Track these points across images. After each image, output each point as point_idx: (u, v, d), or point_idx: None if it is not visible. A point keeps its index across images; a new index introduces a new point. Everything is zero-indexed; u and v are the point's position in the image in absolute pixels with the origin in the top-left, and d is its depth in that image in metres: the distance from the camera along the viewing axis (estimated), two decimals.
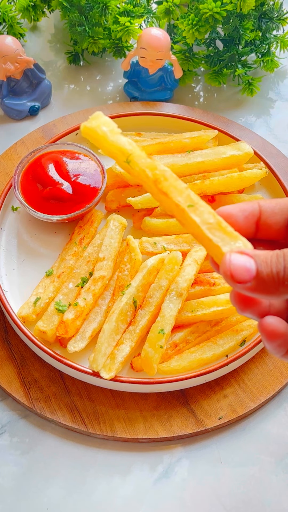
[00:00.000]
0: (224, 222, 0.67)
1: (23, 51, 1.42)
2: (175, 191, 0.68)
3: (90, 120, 0.68)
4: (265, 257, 0.64)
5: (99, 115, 0.67)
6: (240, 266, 0.64)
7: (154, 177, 0.68)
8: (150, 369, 1.06)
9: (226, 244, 0.66)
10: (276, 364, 1.14)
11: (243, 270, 0.63)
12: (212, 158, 1.26)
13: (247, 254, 0.64)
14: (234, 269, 0.64)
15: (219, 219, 0.67)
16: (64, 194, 1.22)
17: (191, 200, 0.68)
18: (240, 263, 0.64)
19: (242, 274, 0.63)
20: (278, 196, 1.32)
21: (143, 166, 0.68)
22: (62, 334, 1.09)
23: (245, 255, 0.64)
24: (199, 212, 0.67)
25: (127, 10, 1.46)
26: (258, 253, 0.65)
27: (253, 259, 0.64)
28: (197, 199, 0.68)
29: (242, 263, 0.64)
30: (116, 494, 1.03)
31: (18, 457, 1.06)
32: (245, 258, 0.64)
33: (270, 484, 1.04)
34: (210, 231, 0.67)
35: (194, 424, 1.07)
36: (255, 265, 0.64)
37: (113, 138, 0.68)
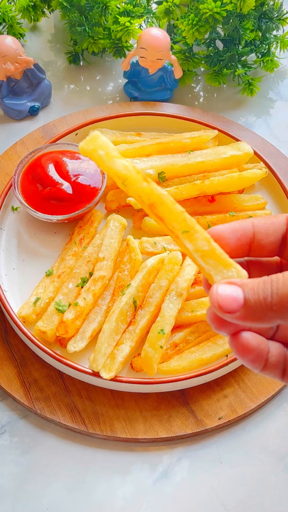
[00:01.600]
0: (219, 249, 0.66)
1: (23, 51, 1.42)
2: (171, 215, 0.67)
3: (87, 143, 0.67)
4: (252, 285, 0.64)
5: (96, 136, 0.66)
6: (227, 297, 0.63)
7: (149, 201, 0.68)
8: (150, 369, 1.06)
9: (219, 273, 0.66)
10: None
11: (231, 300, 0.63)
12: (212, 158, 1.26)
13: (235, 284, 0.64)
14: (222, 299, 0.63)
15: (213, 246, 0.66)
16: (64, 194, 1.22)
17: (186, 226, 0.67)
18: (227, 293, 0.63)
19: (230, 304, 0.63)
20: (278, 196, 1.32)
21: (138, 192, 0.68)
22: (62, 334, 1.09)
23: (233, 285, 0.64)
24: (194, 238, 0.67)
25: (127, 10, 1.46)
26: (246, 282, 0.64)
27: (240, 288, 0.64)
28: (192, 224, 0.67)
29: (229, 293, 0.63)
30: (116, 494, 1.03)
31: (18, 457, 1.06)
32: (232, 288, 0.64)
33: (270, 484, 1.04)
34: (203, 259, 0.66)
35: (194, 424, 1.07)
36: (242, 294, 0.63)
37: (108, 163, 0.67)
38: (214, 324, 0.66)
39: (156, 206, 0.67)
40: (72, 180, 1.24)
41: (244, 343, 0.64)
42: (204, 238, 0.67)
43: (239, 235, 0.69)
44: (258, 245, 0.70)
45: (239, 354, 0.65)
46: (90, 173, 1.26)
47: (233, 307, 0.63)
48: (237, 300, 0.63)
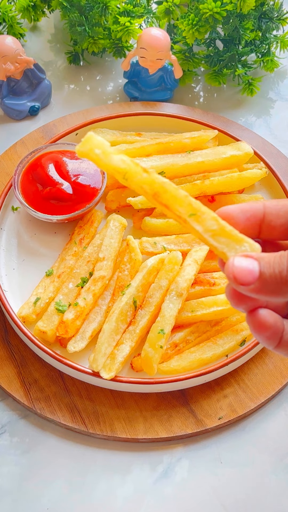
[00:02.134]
0: (228, 226, 0.67)
1: (23, 51, 1.42)
2: (176, 202, 0.68)
3: (82, 144, 0.67)
4: (268, 258, 0.64)
5: (90, 137, 0.67)
6: (243, 269, 0.64)
7: (152, 191, 0.68)
8: (150, 369, 1.06)
9: (232, 249, 0.66)
10: (276, 364, 1.14)
11: (246, 272, 0.64)
12: (212, 158, 1.26)
13: (251, 257, 0.65)
14: (237, 272, 0.64)
15: (222, 224, 0.67)
16: (64, 194, 1.22)
17: (192, 209, 0.67)
18: (243, 266, 0.64)
19: (245, 277, 0.64)
20: (278, 196, 1.32)
21: (140, 183, 0.68)
22: (62, 334, 1.09)
23: (249, 258, 0.65)
24: (201, 220, 0.67)
25: (127, 10, 1.46)
26: (262, 255, 0.65)
27: (256, 261, 0.64)
28: (198, 206, 0.67)
29: (245, 266, 0.64)
30: (116, 494, 1.03)
31: (18, 457, 1.06)
32: (248, 261, 0.65)
33: (270, 484, 1.04)
34: (214, 239, 0.67)
35: (194, 424, 1.07)
36: (258, 267, 0.64)
37: (106, 160, 0.68)
38: (233, 300, 0.67)
39: (160, 195, 0.68)
40: (72, 180, 1.24)
41: (261, 320, 0.65)
42: (212, 217, 0.67)
43: (249, 215, 0.70)
44: (268, 227, 0.69)
45: (255, 330, 0.65)
46: (90, 173, 1.26)
47: (248, 280, 0.64)
48: (253, 273, 0.64)
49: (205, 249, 1.15)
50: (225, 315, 1.11)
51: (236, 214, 0.70)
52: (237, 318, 1.14)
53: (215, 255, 1.18)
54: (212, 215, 0.67)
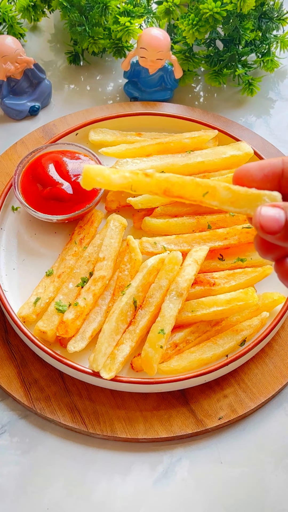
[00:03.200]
0: (241, 188, 0.69)
1: (23, 51, 1.42)
2: (185, 190, 0.71)
3: (84, 179, 0.70)
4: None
5: (87, 170, 0.70)
6: (269, 218, 0.66)
7: (161, 190, 0.71)
8: (150, 369, 1.06)
9: (254, 207, 0.69)
10: (276, 364, 1.14)
11: (273, 221, 0.66)
12: (212, 158, 1.26)
13: (277, 206, 0.67)
14: (264, 220, 0.66)
15: (235, 189, 0.70)
16: (64, 194, 1.22)
17: (202, 189, 0.70)
18: (270, 214, 0.67)
19: (272, 226, 0.66)
20: None
21: (148, 188, 0.71)
22: (62, 334, 1.09)
23: (276, 208, 0.67)
24: (215, 194, 0.70)
25: (127, 10, 1.46)
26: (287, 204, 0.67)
27: (283, 211, 0.67)
28: (205, 184, 0.70)
29: (271, 215, 0.66)
30: (116, 494, 1.03)
31: (18, 457, 1.06)
32: (275, 210, 0.67)
33: (270, 484, 1.04)
34: (235, 206, 0.70)
35: (194, 424, 1.07)
36: (284, 215, 0.66)
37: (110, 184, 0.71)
38: (261, 250, 0.70)
39: (169, 190, 0.71)
40: (72, 180, 1.24)
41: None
42: (224, 188, 0.70)
43: (267, 171, 0.71)
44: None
45: (283, 278, 0.68)
46: None
47: (275, 228, 0.66)
48: (279, 221, 0.66)
49: (205, 249, 1.15)
50: (225, 315, 1.11)
51: (253, 171, 0.71)
52: (237, 318, 1.14)
53: (215, 255, 1.18)
54: (223, 185, 0.70)
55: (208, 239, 1.17)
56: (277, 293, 1.16)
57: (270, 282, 1.20)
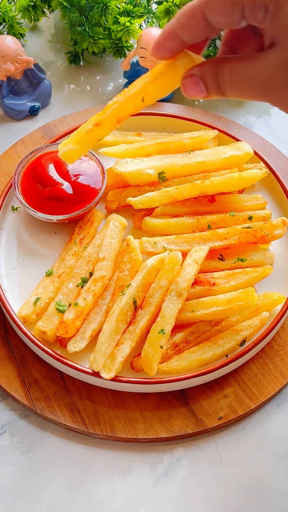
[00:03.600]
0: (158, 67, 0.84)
1: (23, 51, 1.42)
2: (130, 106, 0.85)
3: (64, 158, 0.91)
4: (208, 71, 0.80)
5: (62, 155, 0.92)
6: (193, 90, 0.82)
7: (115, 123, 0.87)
8: (150, 369, 1.06)
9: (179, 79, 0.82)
10: (276, 364, 1.14)
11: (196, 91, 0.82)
12: (212, 158, 1.26)
13: (194, 75, 0.81)
14: (190, 93, 0.82)
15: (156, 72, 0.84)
16: (64, 194, 1.22)
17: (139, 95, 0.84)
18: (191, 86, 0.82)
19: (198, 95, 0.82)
20: (278, 196, 1.32)
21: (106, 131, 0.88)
22: (62, 334, 1.09)
23: (194, 77, 0.81)
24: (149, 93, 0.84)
25: (127, 10, 1.46)
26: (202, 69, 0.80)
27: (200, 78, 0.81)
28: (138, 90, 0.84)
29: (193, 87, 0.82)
30: (116, 494, 1.03)
31: (18, 457, 1.06)
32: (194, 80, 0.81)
33: (270, 484, 1.04)
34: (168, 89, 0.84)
35: (194, 424, 1.07)
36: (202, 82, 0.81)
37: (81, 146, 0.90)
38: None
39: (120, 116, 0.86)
40: (72, 180, 1.24)
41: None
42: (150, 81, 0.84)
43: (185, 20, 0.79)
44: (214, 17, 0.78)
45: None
46: (90, 173, 1.26)
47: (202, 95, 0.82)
48: (201, 90, 0.81)
49: (205, 249, 1.15)
50: (225, 315, 1.11)
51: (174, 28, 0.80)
52: (237, 318, 1.14)
53: (215, 255, 1.18)
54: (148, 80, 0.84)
55: (208, 239, 1.17)
56: (277, 293, 1.16)
57: (270, 282, 1.20)
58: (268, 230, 1.18)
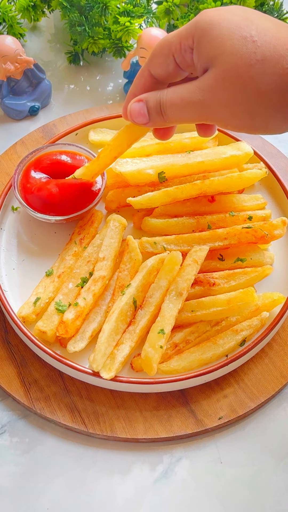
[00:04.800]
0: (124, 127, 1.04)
1: (23, 51, 1.42)
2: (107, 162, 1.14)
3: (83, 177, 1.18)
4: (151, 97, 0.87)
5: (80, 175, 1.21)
6: (136, 113, 0.89)
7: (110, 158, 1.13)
8: (150, 369, 1.06)
9: None
10: (276, 364, 1.14)
11: (139, 115, 0.88)
12: (212, 158, 1.26)
13: (140, 100, 0.88)
14: (134, 116, 0.89)
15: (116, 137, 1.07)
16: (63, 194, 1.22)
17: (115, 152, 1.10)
18: (135, 110, 0.89)
19: (141, 120, 0.89)
20: (278, 196, 1.32)
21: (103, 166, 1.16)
22: (62, 334, 1.09)
23: (139, 102, 0.88)
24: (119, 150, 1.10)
25: (127, 10, 1.46)
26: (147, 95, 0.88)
27: (143, 103, 0.88)
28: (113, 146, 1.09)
29: (137, 110, 0.88)
30: (116, 494, 1.03)
31: (18, 457, 1.06)
32: (139, 105, 0.88)
33: (270, 484, 1.04)
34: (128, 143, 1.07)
35: (194, 424, 1.07)
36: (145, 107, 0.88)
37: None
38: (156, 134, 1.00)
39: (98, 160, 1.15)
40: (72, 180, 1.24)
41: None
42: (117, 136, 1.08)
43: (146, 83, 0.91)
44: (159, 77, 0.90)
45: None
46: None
47: (143, 120, 0.89)
48: (144, 114, 0.88)
49: (205, 249, 1.15)
50: (225, 315, 1.11)
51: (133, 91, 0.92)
52: (237, 318, 1.14)
53: (215, 255, 1.18)
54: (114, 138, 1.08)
55: (208, 239, 1.17)
56: (277, 293, 1.16)
57: (270, 282, 1.20)
58: (268, 230, 1.18)
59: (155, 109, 0.86)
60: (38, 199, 1.22)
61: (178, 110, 0.84)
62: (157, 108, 0.86)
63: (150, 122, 0.88)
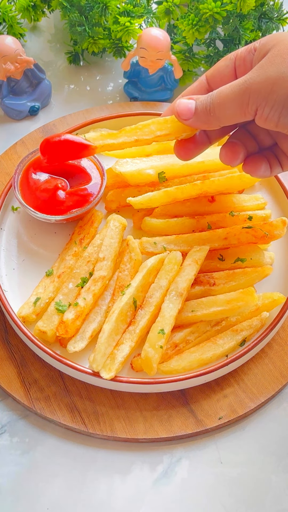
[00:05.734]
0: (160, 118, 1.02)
1: (23, 51, 1.42)
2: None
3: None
4: (202, 98, 0.92)
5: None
6: (184, 107, 0.93)
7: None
8: (150, 369, 1.06)
9: None
10: (276, 364, 1.14)
11: (186, 110, 0.93)
12: (212, 158, 1.26)
13: (190, 98, 0.94)
14: (179, 109, 0.94)
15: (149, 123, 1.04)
16: (63, 194, 1.22)
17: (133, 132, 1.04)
18: (183, 104, 0.93)
19: (185, 113, 0.93)
20: (279, 196, 1.32)
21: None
22: (62, 334, 1.09)
23: (190, 99, 0.94)
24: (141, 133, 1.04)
25: (127, 10, 1.46)
26: (199, 96, 0.93)
27: (193, 101, 0.93)
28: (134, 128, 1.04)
29: (184, 105, 0.93)
30: (116, 494, 1.03)
31: (18, 457, 1.06)
32: (188, 101, 0.93)
33: (270, 484, 1.04)
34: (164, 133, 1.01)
35: (194, 424, 1.08)
36: (194, 104, 0.93)
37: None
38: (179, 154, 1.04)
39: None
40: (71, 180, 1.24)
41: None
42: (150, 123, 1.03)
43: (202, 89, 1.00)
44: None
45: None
46: (89, 173, 1.26)
47: (187, 115, 0.93)
48: (190, 109, 0.93)
49: (205, 249, 1.15)
50: (225, 315, 1.11)
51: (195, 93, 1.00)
52: (237, 318, 1.14)
53: (215, 255, 1.18)
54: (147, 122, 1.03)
55: (208, 239, 1.17)
56: (277, 293, 1.16)
57: (270, 282, 1.20)
58: (268, 230, 1.18)
59: (204, 106, 0.91)
60: (38, 199, 1.22)
61: (225, 102, 0.88)
62: (206, 105, 0.91)
63: (194, 118, 0.92)
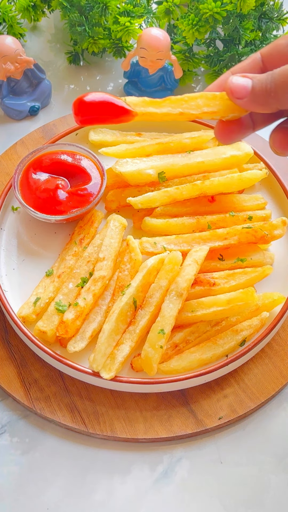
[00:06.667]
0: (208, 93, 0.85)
1: (23, 51, 1.42)
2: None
3: None
4: (260, 77, 0.80)
5: None
6: (239, 85, 0.81)
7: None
8: (150, 369, 1.06)
9: None
10: (276, 364, 1.14)
11: (241, 88, 0.80)
12: (212, 158, 1.26)
13: (246, 76, 0.81)
14: (234, 87, 0.81)
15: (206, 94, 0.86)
16: (63, 194, 1.22)
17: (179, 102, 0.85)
18: (239, 82, 0.81)
19: (240, 91, 0.80)
20: (279, 197, 1.32)
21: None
22: (62, 334, 1.09)
23: (245, 77, 0.81)
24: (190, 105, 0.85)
25: (127, 10, 1.46)
26: (255, 75, 0.81)
27: (250, 79, 0.81)
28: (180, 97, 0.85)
29: (241, 83, 0.81)
30: (116, 494, 1.03)
31: (18, 457, 1.06)
32: (244, 79, 0.81)
33: (270, 484, 1.04)
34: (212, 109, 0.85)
35: (194, 424, 1.08)
36: (251, 83, 0.80)
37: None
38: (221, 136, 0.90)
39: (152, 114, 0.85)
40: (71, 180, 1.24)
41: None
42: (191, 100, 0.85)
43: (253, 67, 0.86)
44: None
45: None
46: (89, 173, 1.26)
47: (242, 94, 0.80)
48: (246, 88, 0.80)
49: (205, 249, 1.15)
50: (225, 315, 1.11)
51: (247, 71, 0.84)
52: (237, 318, 1.14)
53: (215, 255, 1.18)
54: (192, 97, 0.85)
55: (208, 239, 1.17)
56: (277, 293, 1.16)
57: (270, 282, 1.20)
58: (268, 230, 1.18)
59: (263, 85, 0.79)
60: (38, 199, 1.23)
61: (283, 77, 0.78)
62: (265, 84, 0.79)
63: (249, 98, 0.80)
